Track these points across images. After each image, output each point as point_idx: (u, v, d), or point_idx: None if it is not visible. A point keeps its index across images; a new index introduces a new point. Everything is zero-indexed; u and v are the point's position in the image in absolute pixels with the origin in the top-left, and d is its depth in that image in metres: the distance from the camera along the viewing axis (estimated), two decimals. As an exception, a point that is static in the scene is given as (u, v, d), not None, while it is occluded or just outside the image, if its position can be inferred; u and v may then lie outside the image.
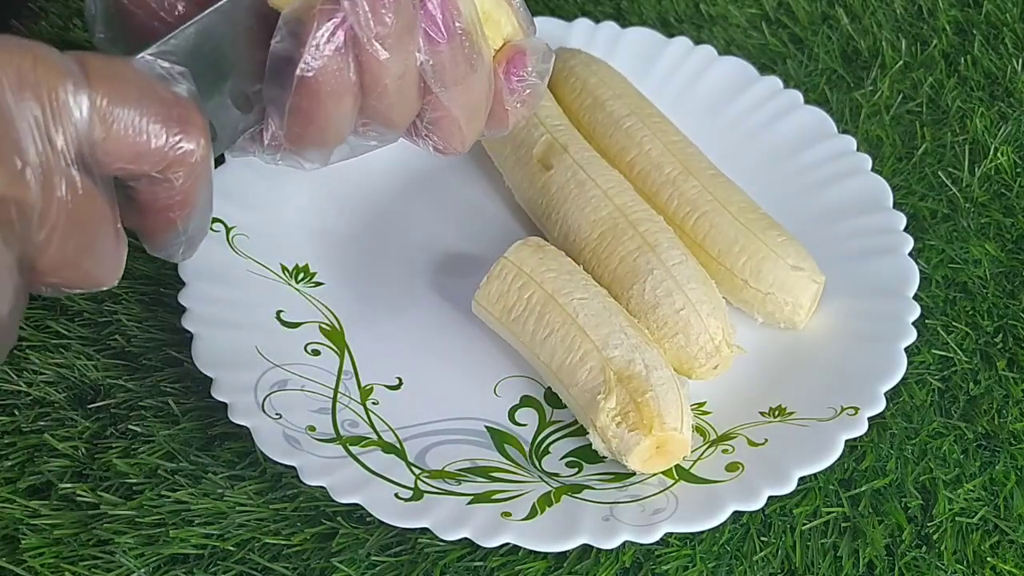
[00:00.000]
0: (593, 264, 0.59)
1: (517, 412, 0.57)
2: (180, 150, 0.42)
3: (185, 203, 0.44)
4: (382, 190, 0.66)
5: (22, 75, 0.39)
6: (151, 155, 0.42)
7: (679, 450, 0.53)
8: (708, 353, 0.56)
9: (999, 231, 0.64)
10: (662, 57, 0.70)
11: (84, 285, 0.43)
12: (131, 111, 0.41)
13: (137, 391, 0.57)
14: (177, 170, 0.42)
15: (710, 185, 0.61)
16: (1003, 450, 0.56)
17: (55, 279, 0.42)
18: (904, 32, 0.74)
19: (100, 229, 0.42)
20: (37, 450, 0.55)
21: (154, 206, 0.44)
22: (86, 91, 0.40)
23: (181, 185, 0.43)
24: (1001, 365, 0.59)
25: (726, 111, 0.68)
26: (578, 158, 0.62)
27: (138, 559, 0.51)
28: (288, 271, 0.61)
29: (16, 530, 0.52)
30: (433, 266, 0.63)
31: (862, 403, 0.54)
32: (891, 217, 0.62)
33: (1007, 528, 0.54)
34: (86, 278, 0.42)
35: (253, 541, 0.52)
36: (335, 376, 0.57)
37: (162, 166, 0.42)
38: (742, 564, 0.52)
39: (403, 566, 0.52)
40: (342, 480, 0.52)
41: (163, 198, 0.43)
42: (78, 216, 0.40)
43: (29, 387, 0.57)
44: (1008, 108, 0.69)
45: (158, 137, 0.42)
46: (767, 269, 0.58)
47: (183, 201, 0.44)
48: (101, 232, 0.42)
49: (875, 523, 0.54)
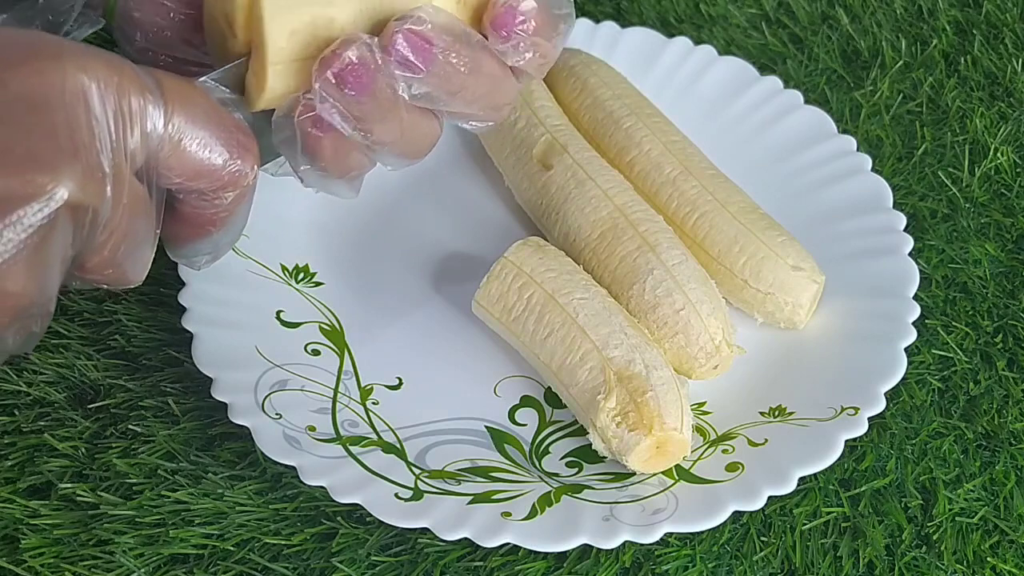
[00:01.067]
0: (593, 264, 0.59)
1: (517, 412, 0.57)
2: (236, 173, 0.44)
3: (227, 220, 0.46)
4: (382, 190, 0.66)
5: (109, 85, 0.40)
6: (210, 175, 0.44)
7: (679, 450, 0.53)
8: (708, 353, 0.56)
9: (999, 231, 0.64)
10: (662, 57, 0.70)
11: (117, 283, 0.44)
12: (200, 132, 0.43)
13: (137, 391, 0.57)
14: (229, 191, 0.45)
15: (710, 185, 0.61)
16: (1003, 450, 0.56)
17: (96, 276, 0.43)
18: (904, 32, 0.74)
19: (147, 235, 0.44)
20: (37, 450, 0.55)
21: (197, 220, 0.46)
22: (162, 108, 0.42)
23: (229, 204, 0.45)
24: (1001, 365, 0.59)
25: (726, 111, 0.68)
26: (578, 158, 0.62)
27: (138, 559, 0.52)
28: (288, 271, 0.61)
29: (16, 530, 0.52)
30: (433, 266, 0.63)
31: (862, 403, 0.54)
32: (891, 217, 0.62)
33: (1007, 528, 0.54)
34: (122, 277, 0.44)
35: (253, 541, 0.52)
36: (335, 376, 0.57)
37: (217, 186, 0.44)
38: (742, 564, 0.52)
39: (403, 566, 0.52)
40: (342, 480, 0.52)
41: (208, 213, 0.45)
42: (134, 223, 0.42)
43: (29, 387, 0.57)
44: (1008, 108, 0.69)
45: (220, 159, 0.44)
46: (767, 269, 0.59)
47: (226, 219, 0.46)
48: (147, 238, 0.44)
49: (875, 523, 0.54)
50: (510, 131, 0.64)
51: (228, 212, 0.46)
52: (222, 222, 0.46)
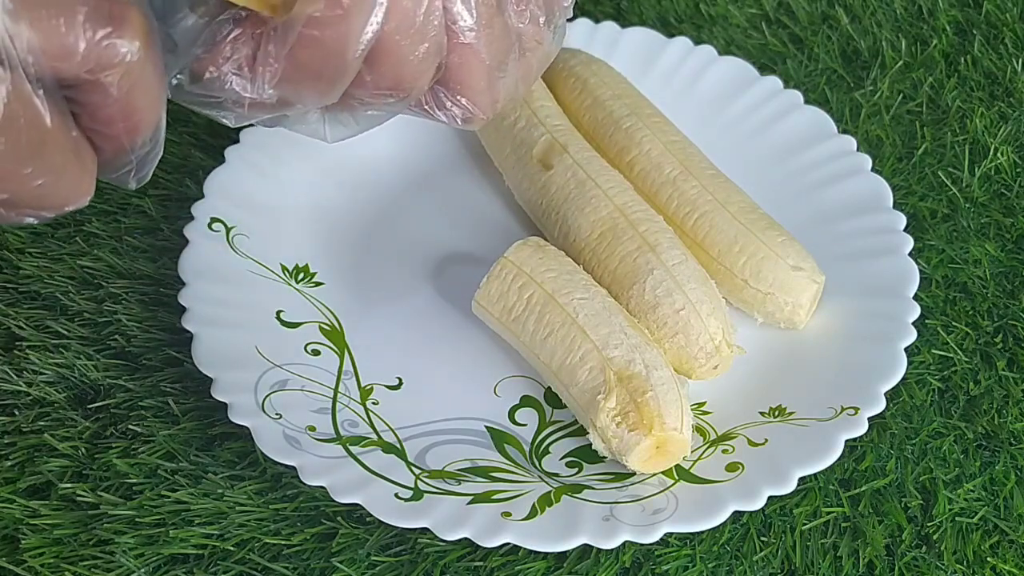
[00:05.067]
0: (593, 264, 0.59)
1: (517, 412, 0.57)
2: (111, 49, 0.39)
3: (127, 113, 0.40)
4: (382, 190, 0.66)
5: None
6: (77, 53, 0.38)
7: (679, 450, 0.53)
8: (708, 353, 0.56)
9: (999, 231, 0.64)
10: (662, 57, 0.70)
11: (44, 203, 0.40)
12: (53, 1, 0.38)
13: (137, 391, 0.57)
14: (110, 73, 0.39)
15: (710, 185, 0.61)
16: (1003, 450, 0.56)
17: (3, 194, 0.39)
18: (904, 32, 0.74)
19: (44, 136, 0.39)
20: (37, 450, 0.55)
21: (95, 117, 0.40)
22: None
23: (118, 91, 0.40)
24: (1001, 365, 0.59)
25: (726, 111, 0.68)
26: (578, 158, 0.62)
27: (138, 559, 0.52)
28: (288, 271, 0.61)
29: (16, 530, 0.52)
30: (433, 266, 0.63)
31: (862, 403, 0.54)
32: (891, 217, 0.62)
33: (1007, 528, 0.54)
34: (40, 193, 0.39)
35: (253, 541, 0.52)
36: (335, 376, 0.57)
37: (91, 65, 0.39)
38: (742, 564, 0.52)
39: (403, 566, 0.52)
40: (342, 480, 0.52)
41: (102, 107, 0.40)
42: (9, 118, 0.38)
43: (29, 387, 0.57)
44: (1008, 108, 0.69)
45: (83, 32, 0.38)
46: (767, 269, 0.59)
47: (123, 110, 0.40)
48: (47, 140, 0.39)
49: (875, 523, 0.54)
50: (510, 131, 0.64)
51: (121, 102, 0.40)
52: (121, 117, 0.40)
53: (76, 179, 0.40)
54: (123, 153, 0.42)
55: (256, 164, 0.64)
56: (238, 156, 0.64)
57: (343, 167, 0.66)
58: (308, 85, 0.44)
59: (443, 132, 0.67)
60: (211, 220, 0.61)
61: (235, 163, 0.63)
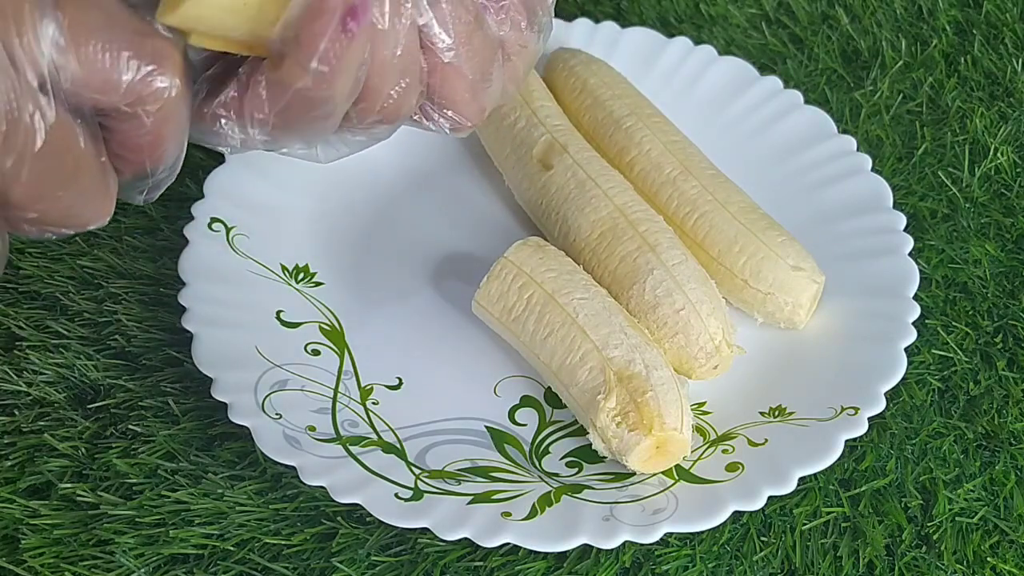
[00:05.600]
0: (593, 264, 0.59)
1: (517, 412, 0.57)
2: (152, 85, 0.41)
3: (155, 144, 0.42)
4: (382, 190, 0.66)
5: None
6: (120, 87, 0.40)
7: (679, 450, 0.53)
8: (708, 353, 0.56)
9: (999, 231, 0.64)
10: (662, 57, 0.70)
11: (69, 223, 0.42)
12: (100, 38, 0.40)
13: (137, 391, 0.57)
14: (147, 106, 0.41)
15: (710, 185, 0.61)
16: (1003, 450, 0.56)
17: (33, 214, 0.40)
18: (904, 32, 0.74)
19: (79, 162, 0.40)
20: (37, 450, 0.55)
21: (124, 144, 0.42)
22: (53, 13, 0.39)
23: (152, 123, 0.41)
24: (1001, 365, 0.59)
25: (726, 111, 0.68)
26: (578, 158, 0.62)
27: (138, 559, 0.52)
28: (288, 271, 0.61)
29: (16, 530, 0.52)
30: (433, 266, 0.63)
31: (862, 403, 0.54)
32: (891, 217, 0.62)
33: (1007, 528, 0.54)
34: (68, 214, 0.41)
35: (253, 541, 0.52)
36: (335, 376, 0.57)
37: (131, 99, 0.41)
38: (742, 564, 0.52)
39: (403, 566, 0.52)
40: (342, 480, 0.52)
41: (132, 136, 0.42)
42: (50, 144, 0.39)
43: (29, 387, 0.57)
44: (1008, 108, 0.69)
45: (128, 68, 0.40)
46: (767, 269, 0.59)
47: (153, 142, 0.42)
48: (81, 165, 0.41)
49: (875, 523, 0.54)
50: (510, 131, 0.64)
51: (153, 134, 0.42)
52: (150, 147, 0.42)
53: (101, 201, 0.42)
54: (143, 178, 0.43)
55: (256, 164, 0.64)
56: (238, 156, 0.64)
57: (343, 167, 0.65)
58: (296, 136, 0.46)
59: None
60: (211, 220, 0.61)
61: (235, 163, 0.63)
